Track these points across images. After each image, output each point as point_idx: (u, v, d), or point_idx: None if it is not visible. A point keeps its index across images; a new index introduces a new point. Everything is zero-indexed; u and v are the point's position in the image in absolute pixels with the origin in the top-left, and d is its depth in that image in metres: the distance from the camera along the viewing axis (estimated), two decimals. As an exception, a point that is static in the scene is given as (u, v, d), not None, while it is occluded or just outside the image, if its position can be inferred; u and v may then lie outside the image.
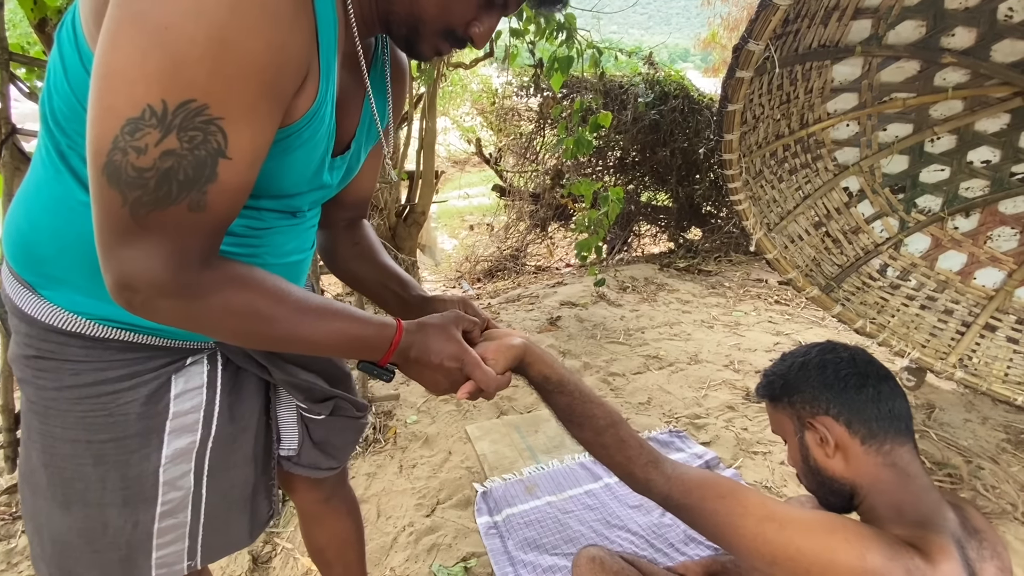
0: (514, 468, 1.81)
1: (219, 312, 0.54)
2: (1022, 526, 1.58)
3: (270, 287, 0.58)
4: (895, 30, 1.86)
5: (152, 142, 0.46)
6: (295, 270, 0.76)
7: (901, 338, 2.04)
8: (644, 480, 0.74)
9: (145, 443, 0.66)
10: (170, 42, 0.44)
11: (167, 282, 0.50)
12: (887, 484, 0.72)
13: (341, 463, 0.98)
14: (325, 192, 0.74)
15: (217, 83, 0.46)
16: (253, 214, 0.65)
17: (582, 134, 2.78)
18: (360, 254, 0.89)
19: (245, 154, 0.50)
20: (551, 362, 0.77)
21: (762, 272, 4.06)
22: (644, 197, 4.94)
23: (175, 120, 0.46)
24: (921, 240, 2.19)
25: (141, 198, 0.47)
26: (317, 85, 0.57)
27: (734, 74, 1.58)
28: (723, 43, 11.71)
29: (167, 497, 0.69)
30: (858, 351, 0.81)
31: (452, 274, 5.49)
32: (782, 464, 1.85)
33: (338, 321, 0.62)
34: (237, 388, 0.76)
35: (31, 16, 1.91)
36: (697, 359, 2.64)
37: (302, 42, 0.51)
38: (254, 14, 0.46)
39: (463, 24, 0.63)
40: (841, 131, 2.13)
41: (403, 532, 1.57)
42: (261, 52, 0.47)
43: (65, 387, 0.64)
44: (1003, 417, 2.14)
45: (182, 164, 0.47)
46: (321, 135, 0.62)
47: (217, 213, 0.51)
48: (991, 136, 2.02)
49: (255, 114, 0.50)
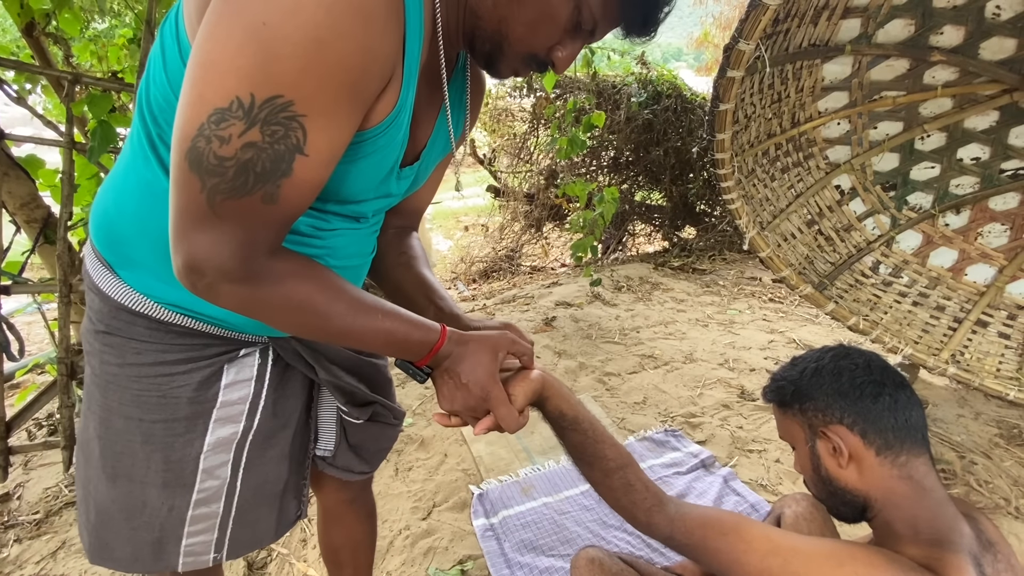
0: (510, 470, 1.81)
1: (279, 302, 0.56)
2: (1015, 520, 1.59)
3: (329, 283, 0.59)
4: (884, 29, 1.87)
5: (236, 133, 0.47)
6: (354, 273, 0.77)
7: (894, 335, 2.05)
8: (646, 523, 0.74)
9: (191, 428, 0.69)
10: (265, 38, 0.45)
11: (233, 268, 0.52)
12: (902, 498, 0.70)
13: (373, 468, 0.99)
14: (390, 200, 0.75)
15: (305, 81, 0.47)
16: (319, 215, 0.66)
17: (575, 134, 2.78)
18: (406, 263, 0.89)
19: (322, 152, 0.51)
20: (567, 397, 0.75)
21: (756, 270, 4.08)
22: (638, 196, 4.95)
23: (260, 114, 0.47)
24: (913, 237, 2.21)
25: (219, 185, 0.48)
26: (399, 92, 0.57)
27: (725, 74, 1.59)
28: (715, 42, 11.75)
29: (204, 485, 0.71)
30: (873, 356, 0.78)
31: (448, 275, 5.48)
32: (777, 462, 1.85)
33: (388, 321, 0.64)
34: (283, 384, 0.77)
35: (18, 21, 1.90)
36: (692, 358, 2.65)
37: (390, 48, 0.52)
38: (349, 16, 0.46)
39: (546, 48, 0.62)
40: (832, 129, 2.14)
41: (399, 535, 1.56)
42: (351, 54, 0.48)
43: (127, 364, 0.67)
44: (995, 412, 2.16)
45: (261, 157, 0.48)
46: (395, 143, 0.62)
47: (288, 206, 0.52)
48: (980, 133, 2.03)
49: (337, 114, 0.50)
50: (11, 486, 1.81)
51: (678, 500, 0.76)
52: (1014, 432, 2.02)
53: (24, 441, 2.01)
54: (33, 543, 1.57)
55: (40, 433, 2.08)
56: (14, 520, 1.66)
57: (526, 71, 0.66)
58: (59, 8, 1.91)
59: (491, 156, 5.44)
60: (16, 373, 2.47)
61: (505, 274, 5.13)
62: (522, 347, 0.73)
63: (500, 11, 0.59)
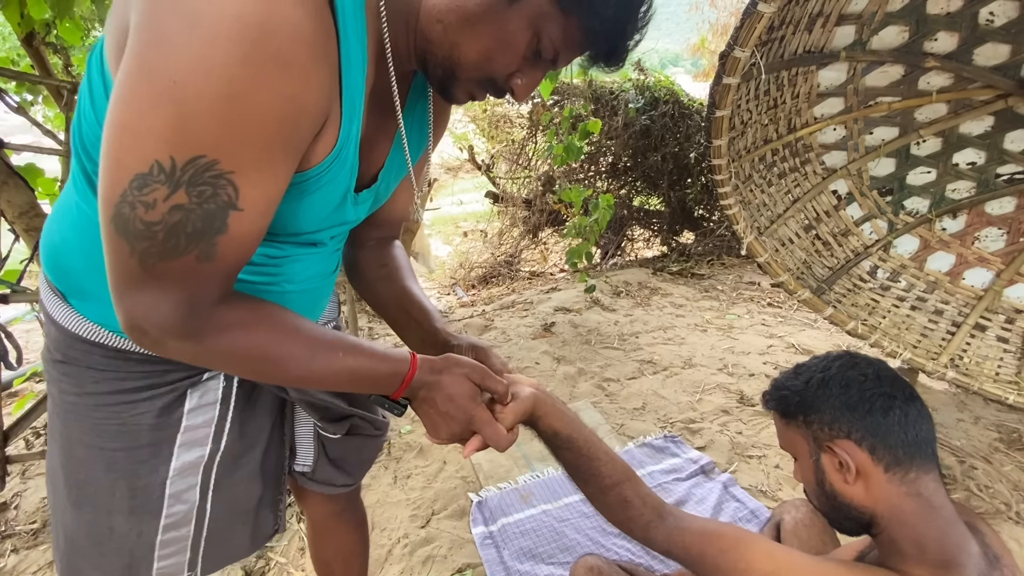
0: (509, 477, 1.81)
1: (228, 353, 0.55)
2: (1016, 525, 1.59)
3: (282, 326, 0.58)
4: (879, 35, 1.89)
5: (160, 197, 0.45)
6: (315, 295, 0.75)
7: (892, 339, 2.05)
8: (643, 538, 0.73)
9: (155, 454, 0.67)
10: (177, 98, 0.43)
11: (175, 325, 0.51)
12: (910, 516, 0.68)
13: (357, 480, 0.97)
14: (349, 225, 0.73)
15: (227, 138, 0.45)
16: (272, 245, 0.64)
17: (571, 141, 2.79)
18: (387, 276, 0.87)
19: (258, 204, 0.50)
20: (561, 415, 0.73)
21: (754, 275, 4.08)
22: (636, 201, 4.96)
23: (184, 176, 0.45)
24: (910, 241, 2.21)
25: (149, 249, 0.47)
26: (338, 129, 0.55)
27: (721, 80, 1.60)
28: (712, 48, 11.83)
29: (172, 510, 0.69)
30: (882, 366, 0.74)
31: (447, 281, 5.49)
32: (777, 468, 1.85)
33: (351, 358, 0.61)
34: (251, 404, 0.76)
35: (18, 30, 1.91)
36: (691, 363, 2.64)
37: (320, 89, 0.50)
38: (266, 67, 0.44)
39: (504, 75, 0.60)
40: (828, 135, 2.15)
41: (398, 544, 1.55)
42: (274, 105, 0.46)
43: (85, 393, 0.65)
44: (995, 416, 2.16)
45: (191, 218, 0.47)
46: (342, 176, 0.60)
47: (227, 262, 0.51)
48: (976, 138, 2.04)
49: (267, 166, 0.49)
50: (8, 495, 1.80)
51: (677, 512, 0.74)
52: (1014, 436, 2.02)
53: (22, 450, 2.00)
54: (30, 553, 1.57)
55: (38, 442, 2.08)
56: (11, 530, 1.65)
57: (483, 95, 0.63)
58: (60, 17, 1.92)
59: (490, 162, 5.46)
60: (14, 381, 2.46)
61: (504, 279, 5.14)
62: (493, 384, 0.69)
63: (451, 36, 0.56)
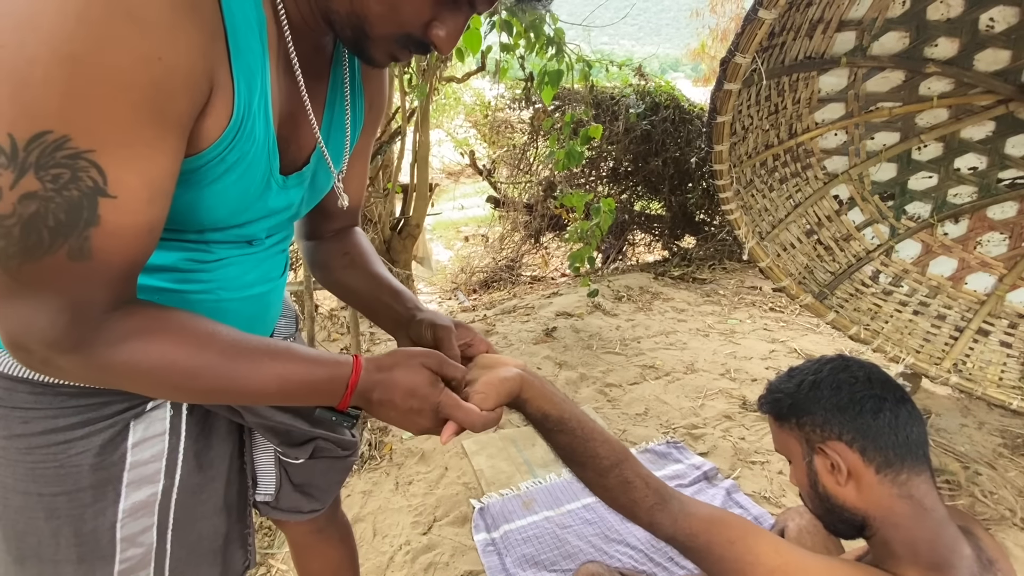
0: (511, 483, 1.80)
1: (129, 368, 0.48)
2: (1021, 532, 1.58)
3: (190, 333, 0.50)
4: (879, 41, 1.89)
5: (6, 185, 0.39)
6: (260, 302, 0.69)
7: (895, 344, 2.05)
8: (648, 523, 0.70)
9: (100, 496, 0.60)
10: (7, 63, 0.37)
11: (58, 338, 0.44)
12: (902, 518, 0.68)
13: (325, 504, 0.90)
14: (283, 215, 0.66)
15: (74, 109, 0.39)
16: (199, 247, 0.58)
17: (572, 146, 2.80)
18: (351, 263, 0.81)
19: (135, 191, 0.43)
20: (550, 396, 0.69)
21: (756, 279, 4.08)
22: (638, 206, 4.97)
23: (29, 157, 0.39)
24: (912, 246, 2.21)
25: (7, 250, 0.41)
26: (232, 100, 0.48)
27: (722, 86, 1.60)
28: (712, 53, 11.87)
29: (126, 555, 0.63)
30: (874, 369, 0.75)
31: (448, 285, 5.49)
32: (780, 474, 1.84)
33: (279, 365, 0.54)
34: (206, 432, 0.68)
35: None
36: (693, 368, 2.64)
37: (193, 52, 0.43)
38: (114, 24, 0.38)
39: (420, 26, 0.53)
40: (829, 140, 2.16)
41: (400, 551, 1.55)
42: (130, 68, 0.39)
43: (14, 435, 0.58)
44: (999, 421, 2.15)
45: (50, 208, 0.40)
46: (255, 155, 0.54)
47: (109, 260, 0.44)
48: (977, 143, 2.05)
49: (137, 142, 0.42)
50: None
51: (683, 496, 0.72)
52: (1018, 442, 2.01)
53: None
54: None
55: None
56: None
57: (407, 55, 0.56)
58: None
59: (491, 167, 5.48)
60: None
61: (505, 284, 5.14)
62: (452, 370, 0.64)
63: None
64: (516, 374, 0.67)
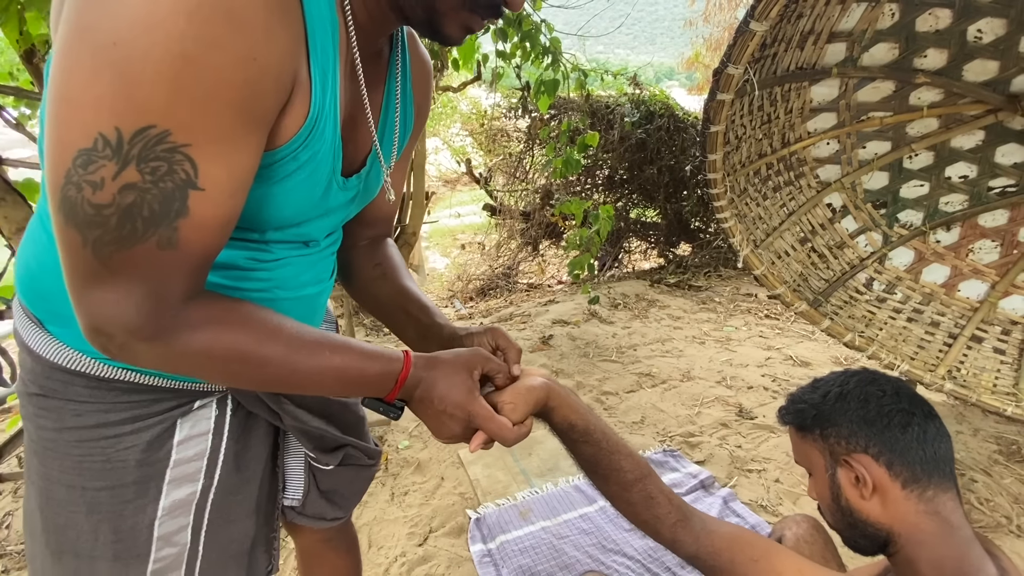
0: (508, 493, 1.79)
1: (202, 354, 0.50)
2: (1017, 539, 1.58)
3: (259, 325, 0.53)
4: (869, 52, 1.92)
5: (109, 175, 0.41)
6: (312, 303, 0.71)
7: (890, 351, 2.05)
8: (671, 540, 0.70)
9: (142, 493, 0.62)
10: (120, 60, 0.39)
11: (142, 326, 0.46)
12: (928, 535, 0.66)
13: (347, 513, 0.93)
14: (339, 217, 0.68)
15: (179, 105, 0.41)
16: (259, 246, 0.60)
17: (570, 154, 2.81)
18: (381, 275, 0.82)
19: (221, 184, 0.45)
20: (576, 406, 0.69)
21: (751, 287, 4.09)
22: (633, 214, 4.99)
23: (133, 150, 0.41)
24: (905, 254, 2.23)
25: (103, 237, 0.42)
26: (309, 99, 0.50)
27: (715, 96, 1.62)
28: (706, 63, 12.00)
29: (160, 554, 0.64)
30: (901, 384, 0.75)
31: (445, 293, 5.49)
32: (777, 482, 1.84)
33: (338, 357, 0.57)
34: (246, 434, 0.71)
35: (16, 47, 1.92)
36: (689, 376, 2.64)
37: (283, 52, 0.46)
38: (218, 23, 0.40)
39: None
40: (822, 149, 2.18)
41: (395, 563, 1.53)
42: (230, 68, 0.42)
43: (66, 428, 0.60)
44: (994, 428, 2.15)
45: (146, 199, 0.42)
46: (323, 155, 0.56)
47: (192, 249, 0.46)
48: (967, 152, 2.07)
49: (228, 138, 0.44)
50: (0, 515, 1.77)
51: (703, 514, 0.71)
52: (1013, 448, 2.02)
53: (15, 468, 1.98)
54: (22, 573, 1.54)
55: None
56: (3, 550, 1.63)
57: (478, 22, 0.57)
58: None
59: (487, 175, 5.49)
60: (8, 398, 2.44)
61: (502, 292, 5.14)
62: (495, 366, 0.66)
63: None
64: (543, 383, 0.67)
